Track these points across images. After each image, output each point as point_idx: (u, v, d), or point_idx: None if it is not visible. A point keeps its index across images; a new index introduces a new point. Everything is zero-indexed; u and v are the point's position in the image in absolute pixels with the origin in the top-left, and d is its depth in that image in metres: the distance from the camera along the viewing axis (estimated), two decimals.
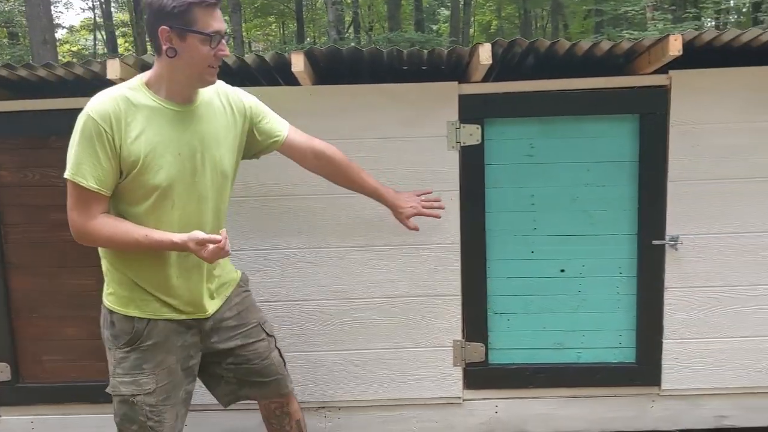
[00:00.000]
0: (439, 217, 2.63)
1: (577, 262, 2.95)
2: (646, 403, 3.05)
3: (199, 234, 1.99)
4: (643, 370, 2.99)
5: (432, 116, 2.84)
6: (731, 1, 18.01)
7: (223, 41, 2.02)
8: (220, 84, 2.24)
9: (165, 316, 2.17)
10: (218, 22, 1.99)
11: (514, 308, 2.99)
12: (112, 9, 24.80)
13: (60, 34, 24.38)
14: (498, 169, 2.89)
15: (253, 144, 2.34)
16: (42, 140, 2.88)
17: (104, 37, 25.12)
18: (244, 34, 16.98)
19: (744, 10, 17.75)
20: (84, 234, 2.04)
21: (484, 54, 2.53)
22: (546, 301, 2.98)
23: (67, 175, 1.99)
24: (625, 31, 13.32)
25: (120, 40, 25.08)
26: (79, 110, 2.79)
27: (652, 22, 11.97)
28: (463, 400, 3.06)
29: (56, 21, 21.55)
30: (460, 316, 2.97)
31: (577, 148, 2.87)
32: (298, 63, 2.56)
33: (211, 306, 2.26)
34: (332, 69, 2.91)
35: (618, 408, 3.05)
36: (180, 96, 2.07)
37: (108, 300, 2.20)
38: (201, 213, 2.15)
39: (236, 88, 2.30)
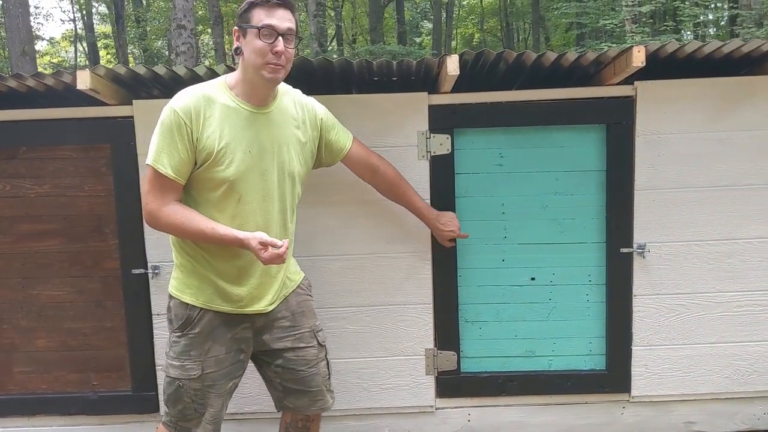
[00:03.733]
0: (467, 236, 2.86)
1: (548, 270, 2.98)
2: (616, 410, 3.07)
3: (264, 235, 2.09)
4: (613, 377, 3.02)
5: (402, 126, 2.87)
6: (709, 15, 18.30)
7: (280, 39, 2.08)
8: (298, 94, 2.38)
9: (216, 307, 2.27)
10: (274, 19, 2.08)
11: (485, 316, 3.02)
12: (94, 21, 24.73)
13: (41, 45, 24.28)
14: (468, 178, 2.92)
15: (320, 157, 2.46)
16: (12, 151, 2.88)
17: (86, 48, 25.04)
18: (227, 46, 16.99)
19: (722, 23, 18.03)
20: (156, 218, 2.16)
21: (452, 65, 2.57)
22: (517, 309, 3.01)
23: (148, 161, 2.14)
24: (604, 44, 13.47)
25: (102, 52, 25.01)
26: (50, 121, 2.85)
27: (631, 34, 12.09)
28: (436, 409, 3.07)
29: (36, 33, 21.46)
30: (431, 325, 2.99)
31: (545, 157, 2.91)
32: None
33: (265, 302, 2.32)
34: (305, 80, 2.94)
35: (589, 415, 3.08)
36: (254, 97, 2.19)
37: (170, 284, 2.33)
38: (267, 211, 2.23)
39: (311, 98, 2.41)
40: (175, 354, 2.29)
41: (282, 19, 2.09)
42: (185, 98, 2.14)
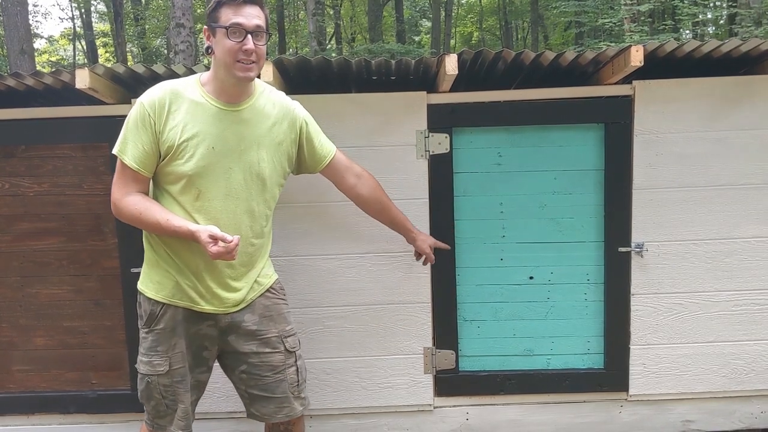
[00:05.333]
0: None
1: (546, 269, 2.99)
2: (614, 409, 3.08)
3: (214, 229, 2.07)
4: (611, 375, 3.02)
5: (401, 125, 2.87)
6: (708, 14, 18.30)
7: (249, 37, 2.07)
8: (280, 96, 2.35)
9: (178, 302, 2.25)
10: (242, 17, 2.07)
11: (483, 315, 3.02)
12: (93, 19, 24.71)
13: (39, 44, 24.25)
14: (467, 177, 2.93)
15: (301, 161, 2.42)
16: (11, 149, 2.88)
17: (84, 47, 25.03)
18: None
19: (721, 22, 18.04)
20: (118, 207, 2.19)
21: (450, 65, 2.57)
22: (515, 307, 3.01)
23: (114, 151, 2.18)
24: (602, 43, 13.48)
25: (101, 50, 24.99)
26: (49, 119, 2.85)
27: (629, 33, 12.09)
28: (434, 407, 3.07)
29: (35, 31, 21.43)
30: (430, 324, 3.00)
31: (544, 156, 2.92)
32: (267, 73, 2.59)
33: (230, 303, 2.29)
34: (302, 79, 2.94)
35: (587, 413, 3.08)
36: (224, 94, 2.18)
37: (139, 280, 2.33)
38: (230, 211, 2.21)
39: (295, 102, 2.38)
40: (144, 350, 2.29)
41: (250, 17, 2.08)
42: (153, 92, 2.16)
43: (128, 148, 2.14)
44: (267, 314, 2.37)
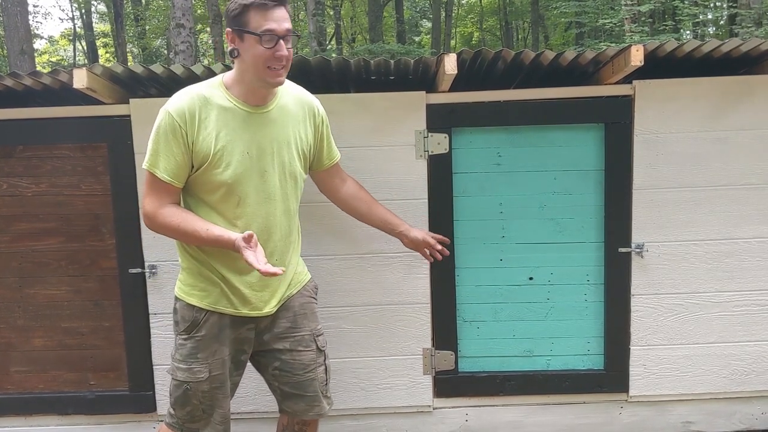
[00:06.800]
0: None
1: (546, 270, 2.98)
2: (614, 410, 3.07)
3: (242, 245, 2.00)
4: (611, 376, 3.01)
5: (400, 125, 2.86)
6: (708, 14, 18.31)
7: (282, 42, 2.02)
8: (300, 91, 2.33)
9: (221, 309, 2.24)
10: (273, 22, 2.01)
11: (483, 316, 3.01)
12: (93, 19, 24.73)
13: (39, 44, 24.27)
14: (466, 177, 2.92)
15: (311, 158, 2.40)
16: (9, 149, 2.87)
17: (84, 47, 25.05)
18: (225, 45, 16.96)
19: (721, 22, 18.04)
20: (153, 220, 2.15)
21: (449, 64, 2.57)
22: (515, 308, 3.00)
23: (143, 165, 2.13)
24: (603, 43, 13.47)
25: (101, 51, 25.01)
26: (47, 119, 2.84)
27: (630, 34, 12.08)
28: (434, 409, 3.06)
29: (35, 31, 21.44)
30: (429, 325, 2.99)
31: (544, 156, 2.91)
32: None
33: (271, 305, 2.29)
34: (302, 79, 2.93)
35: (587, 414, 3.07)
36: (252, 97, 2.15)
37: (177, 286, 2.31)
38: (269, 213, 2.21)
39: (315, 98, 2.37)
40: (181, 357, 2.26)
41: (280, 21, 2.02)
42: (180, 100, 2.11)
43: (160, 161, 2.10)
44: (301, 312, 2.39)
